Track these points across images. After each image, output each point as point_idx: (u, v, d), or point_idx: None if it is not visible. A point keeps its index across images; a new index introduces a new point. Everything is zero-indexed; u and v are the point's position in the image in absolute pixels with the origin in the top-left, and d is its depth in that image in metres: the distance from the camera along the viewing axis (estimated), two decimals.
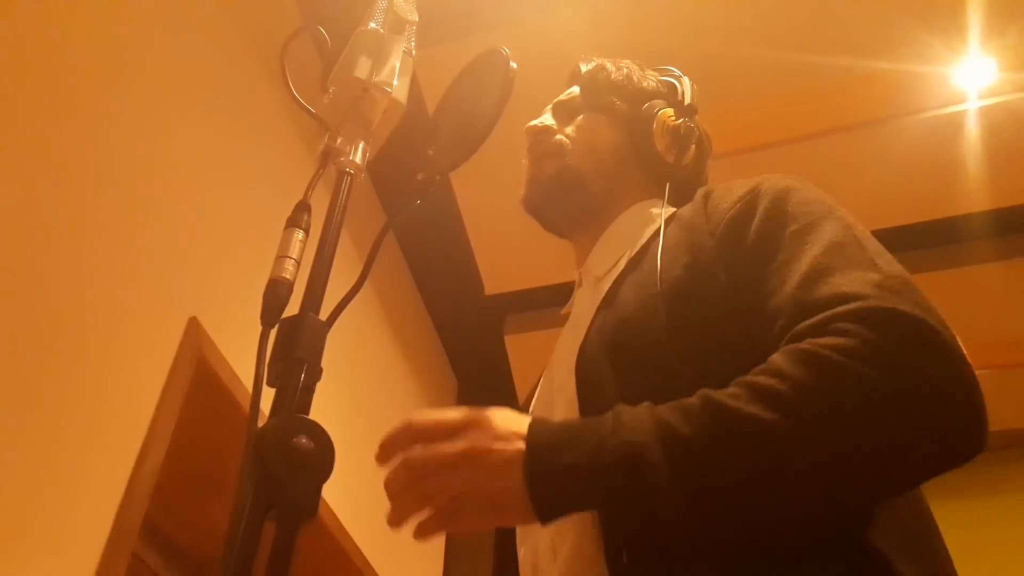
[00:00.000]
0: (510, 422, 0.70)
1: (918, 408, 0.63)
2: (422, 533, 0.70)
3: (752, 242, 0.80)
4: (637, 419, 0.66)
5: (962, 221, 2.88)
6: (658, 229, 0.92)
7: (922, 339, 0.64)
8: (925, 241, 2.89)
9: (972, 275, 2.90)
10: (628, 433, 0.65)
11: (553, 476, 0.66)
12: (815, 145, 2.69)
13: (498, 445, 0.67)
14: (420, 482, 0.68)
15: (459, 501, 0.68)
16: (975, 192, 2.77)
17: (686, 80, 1.12)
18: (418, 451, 0.69)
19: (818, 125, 2.66)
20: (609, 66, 1.12)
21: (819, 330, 0.66)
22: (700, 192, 0.93)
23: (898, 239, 2.95)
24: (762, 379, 0.65)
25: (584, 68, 1.14)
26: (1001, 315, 3.00)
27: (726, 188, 0.90)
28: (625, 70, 1.12)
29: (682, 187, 1.05)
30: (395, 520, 0.69)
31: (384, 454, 0.71)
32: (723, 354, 0.74)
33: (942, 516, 0.76)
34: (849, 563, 0.67)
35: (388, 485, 0.69)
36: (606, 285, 0.94)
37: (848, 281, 0.69)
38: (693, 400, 0.67)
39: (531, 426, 0.69)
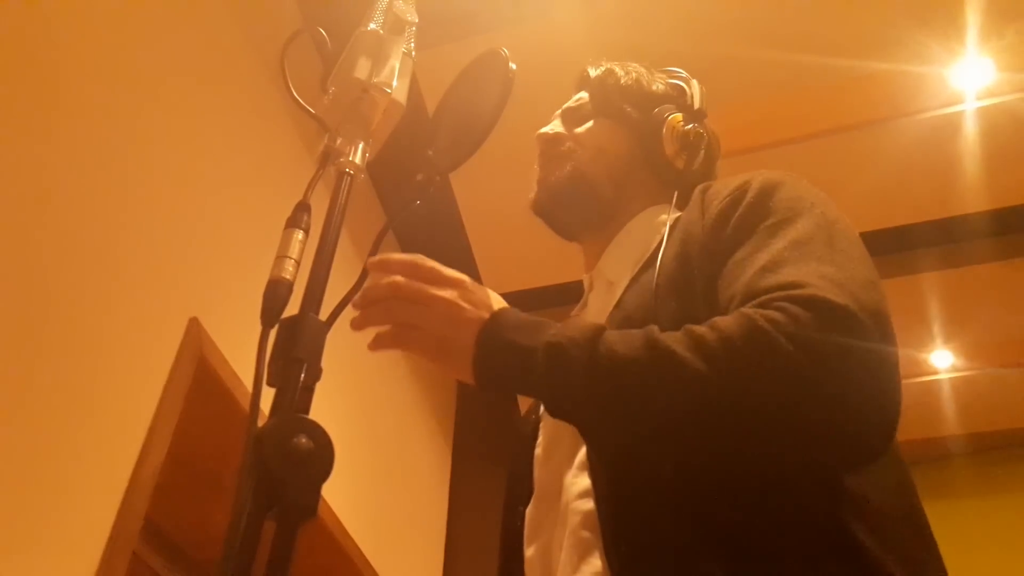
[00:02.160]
0: (490, 298, 0.79)
1: (819, 393, 0.65)
2: (376, 344, 0.80)
3: (729, 233, 0.82)
4: (584, 325, 0.74)
5: (960, 221, 2.88)
6: (664, 234, 0.93)
7: (845, 331, 0.66)
8: (923, 241, 2.90)
9: (970, 275, 2.91)
10: (569, 331, 0.72)
11: (495, 347, 0.74)
12: (814, 146, 2.70)
13: (469, 307, 0.77)
14: (393, 301, 0.77)
15: (416, 332, 0.77)
16: (973, 192, 2.78)
17: (695, 83, 1.11)
18: (407, 280, 0.77)
19: (817, 126, 2.66)
20: (618, 70, 1.12)
21: (762, 306, 0.69)
22: (699, 188, 0.94)
23: (897, 239, 2.96)
24: (700, 328, 0.70)
25: (593, 73, 1.13)
26: (999, 315, 3.00)
27: (722, 183, 0.91)
28: (634, 74, 1.11)
29: (691, 191, 1.05)
30: (358, 324, 0.78)
31: (379, 266, 0.78)
32: None
33: (941, 516, 0.77)
34: (839, 563, 0.67)
35: (367, 292, 0.77)
36: (619, 290, 0.94)
37: (798, 271, 0.71)
38: (638, 330, 0.72)
39: (503, 307, 0.78)
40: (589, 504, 0.78)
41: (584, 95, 1.13)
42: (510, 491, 0.97)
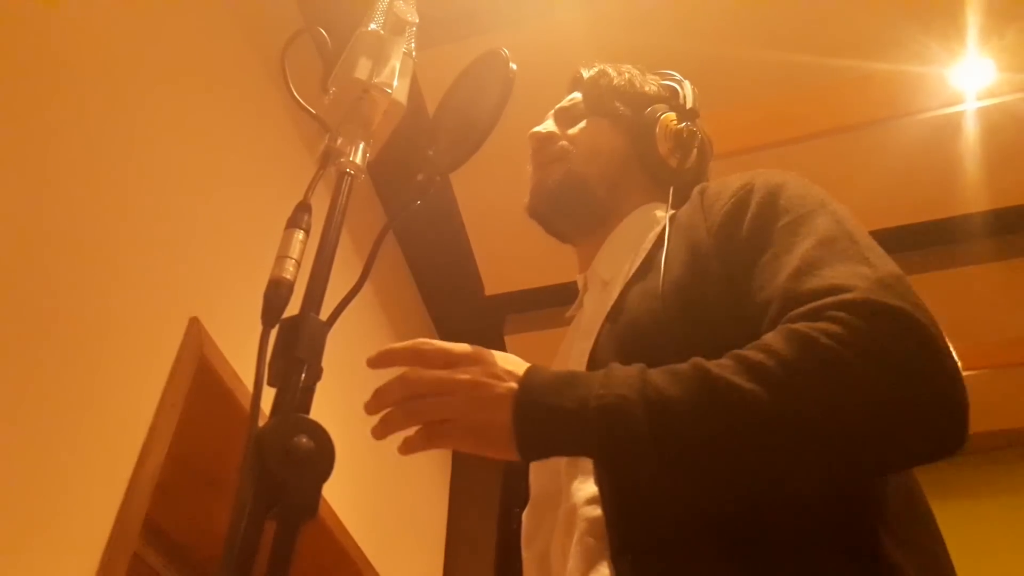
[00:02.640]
0: (509, 363, 0.74)
1: (897, 399, 0.64)
2: (407, 448, 0.76)
3: (745, 236, 0.81)
4: (627, 375, 0.70)
5: (960, 221, 2.88)
6: (662, 233, 0.92)
7: (909, 333, 0.65)
8: (924, 241, 2.90)
9: (971, 275, 2.91)
10: (616, 387, 0.68)
11: (538, 417, 0.70)
12: (814, 146, 2.70)
13: (493, 381, 0.72)
14: (411, 401, 0.73)
15: (447, 425, 0.73)
16: (973, 192, 2.77)
17: (687, 84, 1.12)
18: (417, 372, 0.74)
19: (817, 126, 2.66)
20: (611, 71, 1.12)
21: (811, 316, 0.68)
22: (696, 189, 0.94)
23: (897, 239, 2.96)
24: (751, 353, 0.67)
25: (586, 74, 1.14)
26: (1000, 315, 3.00)
27: (721, 184, 0.91)
28: (627, 75, 1.12)
29: (684, 190, 1.05)
30: (380, 432, 0.75)
31: (382, 362, 0.76)
32: (722, 351, 0.75)
33: (942, 516, 0.77)
34: (849, 557, 0.67)
35: (380, 394, 0.74)
36: (615, 291, 0.94)
37: (839, 274, 0.70)
38: (684, 365, 0.69)
39: (528, 370, 0.74)
40: (596, 511, 0.77)
41: (577, 95, 1.13)
42: (505, 493, 0.97)
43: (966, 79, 2.53)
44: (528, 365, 0.75)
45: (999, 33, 2.40)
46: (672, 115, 1.07)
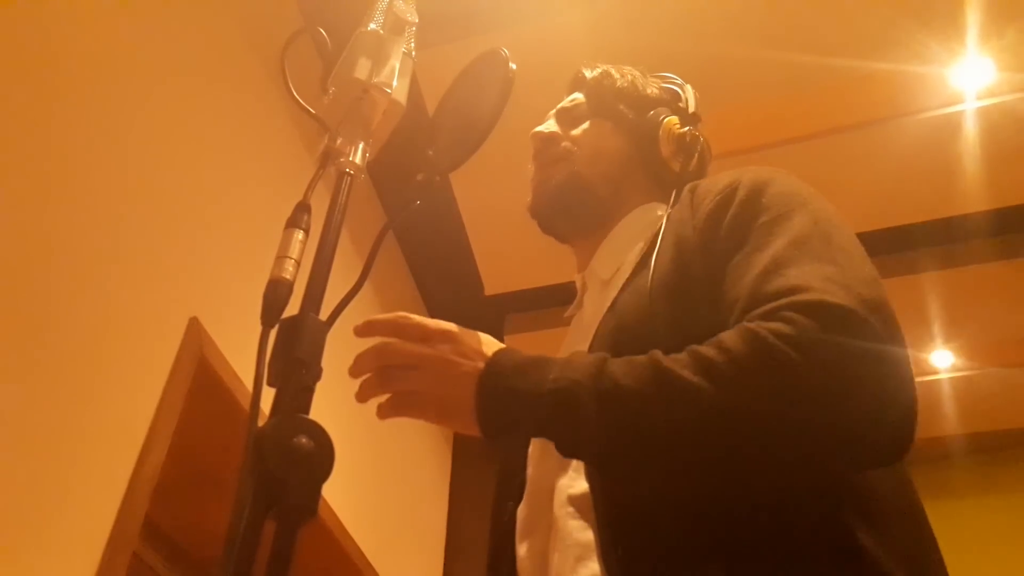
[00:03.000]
0: (481, 343, 0.78)
1: (839, 401, 0.64)
2: (381, 413, 0.80)
3: (725, 233, 0.82)
4: (586, 362, 0.72)
5: (960, 221, 2.88)
6: (657, 231, 0.92)
7: (857, 336, 0.65)
8: (923, 241, 2.90)
9: (970, 275, 2.90)
10: (571, 372, 0.71)
11: (497, 397, 0.73)
12: (814, 146, 2.70)
13: (461, 359, 0.75)
14: (385, 369, 0.77)
15: (414, 396, 0.77)
16: (973, 192, 2.77)
17: (688, 88, 1.12)
18: (392, 343, 0.77)
19: (817, 126, 2.66)
20: (614, 72, 1.12)
21: (767, 316, 0.69)
22: (688, 187, 0.94)
23: (897, 239, 2.96)
24: (704, 348, 0.69)
25: (588, 74, 1.14)
26: (1000, 315, 3.00)
27: (711, 181, 0.91)
28: (629, 77, 1.12)
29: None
30: (361, 396, 0.80)
31: (364, 331, 0.80)
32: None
33: (942, 516, 0.77)
34: (839, 564, 0.67)
35: (357, 361, 0.78)
36: (613, 290, 0.94)
37: (802, 273, 0.71)
38: (642, 356, 0.71)
39: (497, 351, 0.76)
40: (588, 506, 0.78)
41: (579, 96, 1.13)
42: (500, 488, 0.97)
43: (966, 79, 2.53)
44: (500, 347, 0.77)
45: (999, 33, 2.40)
46: (675, 119, 1.07)
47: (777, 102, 2.63)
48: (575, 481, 0.81)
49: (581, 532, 0.77)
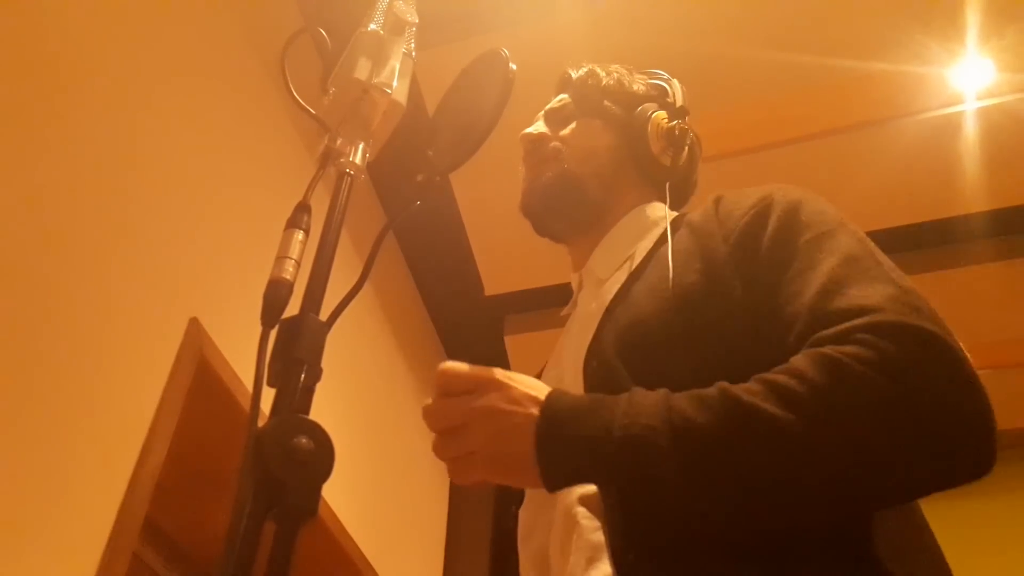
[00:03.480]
0: (529, 388, 0.73)
1: (930, 424, 0.63)
2: (454, 479, 0.74)
3: (767, 249, 0.81)
4: (651, 402, 0.68)
5: (960, 222, 2.88)
6: (664, 232, 0.92)
7: (940, 357, 0.65)
8: (923, 241, 2.90)
9: (970, 275, 2.90)
10: (640, 415, 0.67)
11: (561, 446, 0.69)
12: (814, 146, 2.70)
13: (514, 408, 0.71)
14: (438, 435, 0.73)
15: (472, 457, 0.72)
16: (973, 193, 2.77)
17: (675, 82, 1.12)
18: (434, 405, 0.74)
19: (817, 126, 2.66)
20: (599, 71, 1.12)
21: (839, 339, 0.67)
22: (711, 198, 0.94)
23: (897, 239, 2.96)
24: (782, 378, 0.66)
25: (574, 74, 1.14)
26: (999, 315, 3.00)
27: (738, 194, 0.90)
28: (615, 74, 1.12)
29: (676, 189, 1.06)
30: (439, 456, 0.75)
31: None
32: (735, 359, 0.74)
33: (942, 516, 0.77)
34: (846, 569, 0.67)
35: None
36: (613, 286, 0.94)
37: (866, 294, 0.70)
38: (711, 390, 0.68)
39: (549, 395, 0.72)
40: (597, 508, 0.77)
41: (566, 96, 1.13)
42: (501, 491, 0.97)
43: (966, 79, 2.53)
44: (549, 389, 0.73)
45: (999, 33, 2.40)
46: (663, 113, 1.07)
47: (777, 102, 2.63)
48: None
49: (592, 533, 0.76)
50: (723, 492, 0.65)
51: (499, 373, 0.74)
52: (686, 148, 1.07)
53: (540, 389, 0.73)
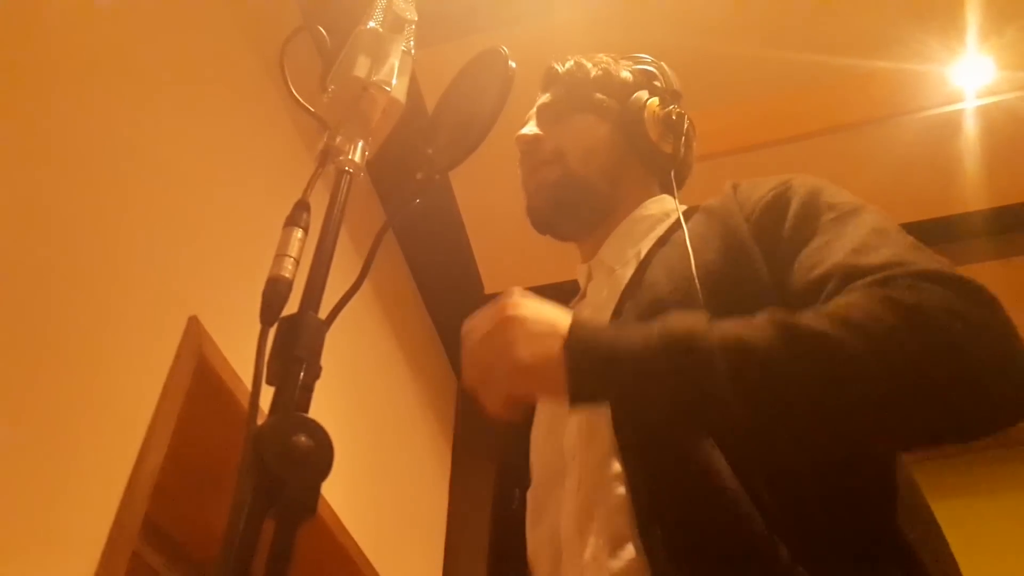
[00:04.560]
0: (547, 314, 0.71)
1: (984, 365, 0.64)
2: (490, 409, 0.72)
3: (790, 228, 0.81)
4: (688, 315, 0.67)
5: (960, 220, 2.88)
6: (677, 220, 0.92)
7: (984, 298, 0.66)
8: (923, 239, 2.87)
9: (970, 273, 2.90)
10: (680, 323, 0.66)
11: (592, 352, 0.66)
12: (813, 144, 2.70)
13: (539, 320, 0.70)
14: (477, 382, 0.71)
15: (493, 373, 0.70)
16: (973, 191, 2.78)
17: (663, 65, 1.11)
18: (467, 359, 0.73)
19: (816, 124, 2.66)
20: (586, 63, 1.10)
21: (882, 284, 0.67)
22: (728, 184, 0.94)
23: None
24: (831, 308, 0.66)
25: (561, 69, 1.12)
26: None
27: (755, 180, 0.91)
28: (603, 65, 1.10)
29: (681, 173, 1.06)
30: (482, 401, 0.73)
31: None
32: None
33: (942, 516, 0.77)
34: (890, 562, 0.67)
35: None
36: (626, 273, 0.93)
37: (899, 252, 0.70)
38: (751, 316, 0.67)
39: (575, 316, 0.70)
40: (620, 490, 0.76)
41: (555, 92, 1.11)
42: (502, 474, 0.96)
43: (966, 77, 2.53)
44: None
45: (999, 31, 2.40)
46: (655, 100, 1.06)
47: (777, 100, 2.63)
48: (605, 462, 0.79)
49: (615, 515, 0.76)
50: (772, 400, 0.63)
51: (515, 309, 0.73)
52: (684, 132, 1.06)
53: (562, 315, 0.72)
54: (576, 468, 0.82)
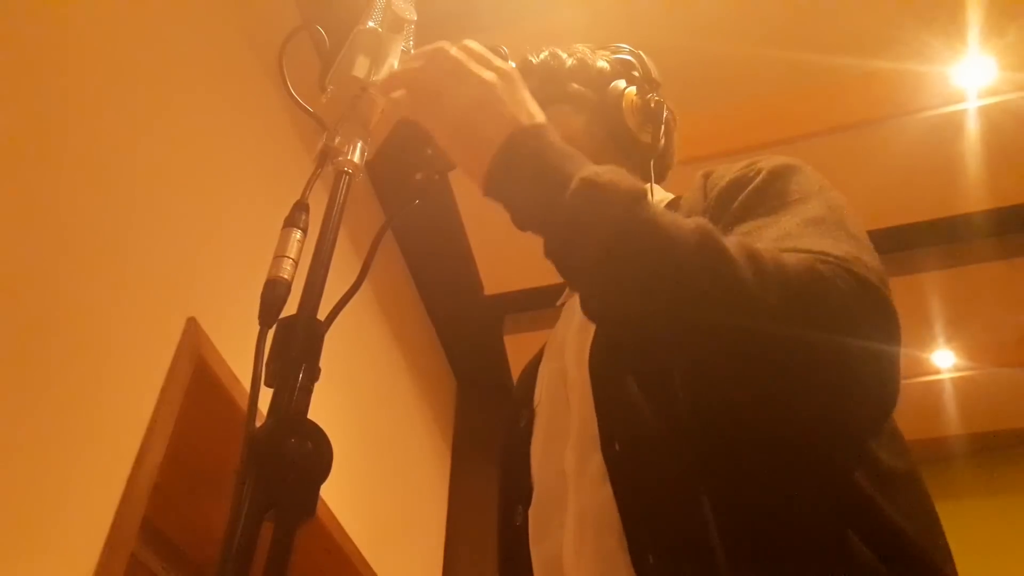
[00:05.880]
0: (530, 103, 0.73)
1: (863, 354, 0.62)
2: (383, 88, 0.75)
3: (735, 209, 0.80)
4: (630, 180, 0.67)
5: (962, 220, 2.88)
6: None
7: (873, 298, 0.64)
8: (925, 240, 2.89)
9: (972, 274, 2.90)
10: (612, 176, 0.66)
11: (524, 155, 0.68)
12: (814, 144, 2.69)
13: (509, 102, 0.71)
14: (428, 65, 0.73)
15: (439, 104, 0.71)
16: (975, 191, 2.77)
17: (641, 54, 1.09)
18: (451, 49, 0.72)
19: (818, 124, 2.66)
20: (561, 53, 1.08)
21: (796, 257, 0.66)
22: (701, 173, 0.92)
23: (898, 239, 2.96)
24: (756, 245, 0.65)
25: (535, 60, 1.09)
26: (1001, 314, 3.00)
27: (726, 166, 0.89)
28: (579, 54, 1.08)
29: (661, 163, 1.04)
30: (385, 84, 0.75)
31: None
32: None
33: (943, 516, 0.76)
34: (872, 557, 0.67)
35: (407, 55, 0.75)
36: None
37: (818, 244, 0.68)
38: (691, 218, 0.67)
39: (544, 122, 0.72)
40: (612, 512, 0.76)
41: (529, 84, 1.10)
42: (505, 491, 0.96)
43: (967, 77, 2.53)
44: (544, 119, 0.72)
45: (1000, 31, 2.39)
46: (633, 89, 1.04)
47: (778, 100, 2.63)
48: (597, 487, 0.78)
49: (608, 539, 0.75)
50: (651, 289, 0.62)
51: (515, 72, 0.73)
52: (663, 121, 1.03)
53: (540, 113, 0.72)
54: (573, 492, 0.82)
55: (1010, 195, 2.81)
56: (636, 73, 1.07)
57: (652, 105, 1.03)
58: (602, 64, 1.07)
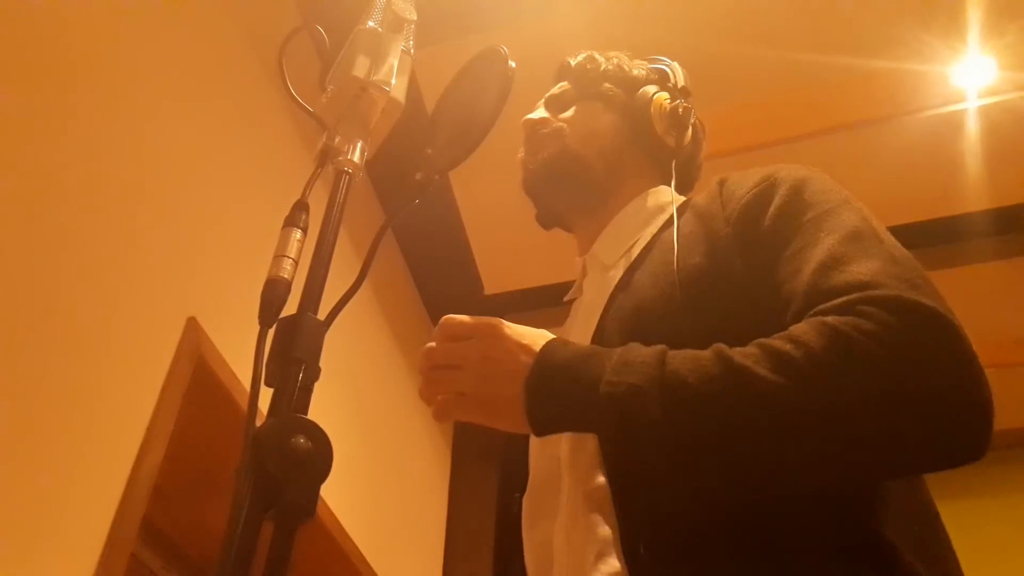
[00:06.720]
0: (528, 337, 0.75)
1: (926, 400, 0.63)
2: (435, 416, 0.78)
3: (768, 228, 0.80)
4: (644, 359, 0.69)
5: (961, 220, 2.88)
6: (671, 216, 0.91)
7: (940, 333, 0.64)
8: (924, 240, 2.89)
9: (971, 274, 2.90)
10: (629, 372, 0.68)
11: (547, 395, 0.71)
12: (815, 144, 2.69)
13: (504, 355, 0.74)
14: (432, 371, 0.77)
15: (460, 398, 0.75)
16: (974, 191, 2.77)
17: (676, 65, 1.12)
18: (434, 345, 0.77)
19: (818, 124, 2.66)
20: (598, 57, 1.13)
21: (841, 311, 0.66)
22: (715, 180, 0.93)
23: (898, 238, 2.95)
24: (778, 343, 0.66)
25: (573, 62, 1.14)
26: (1001, 314, 3.00)
27: (741, 175, 0.89)
28: (615, 60, 1.12)
29: (682, 172, 1.05)
30: (425, 398, 0.79)
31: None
32: (739, 341, 0.73)
33: (943, 516, 0.76)
34: (867, 559, 0.67)
35: (418, 363, 0.79)
36: (618, 273, 0.93)
37: (867, 270, 0.69)
38: (706, 352, 0.68)
39: (546, 345, 0.74)
40: (605, 502, 0.76)
41: (566, 83, 1.13)
42: (505, 478, 0.98)
43: (967, 77, 2.53)
44: (550, 339, 0.75)
45: (1000, 31, 2.39)
46: (665, 94, 1.07)
47: (778, 100, 2.63)
48: (591, 475, 0.79)
49: (600, 527, 0.76)
50: (707, 449, 0.65)
51: (498, 322, 0.77)
52: (690, 128, 1.06)
53: (540, 338, 0.75)
54: (567, 478, 0.82)
55: (1010, 195, 2.81)
56: (670, 83, 1.10)
57: (680, 111, 1.05)
58: (637, 71, 1.11)
